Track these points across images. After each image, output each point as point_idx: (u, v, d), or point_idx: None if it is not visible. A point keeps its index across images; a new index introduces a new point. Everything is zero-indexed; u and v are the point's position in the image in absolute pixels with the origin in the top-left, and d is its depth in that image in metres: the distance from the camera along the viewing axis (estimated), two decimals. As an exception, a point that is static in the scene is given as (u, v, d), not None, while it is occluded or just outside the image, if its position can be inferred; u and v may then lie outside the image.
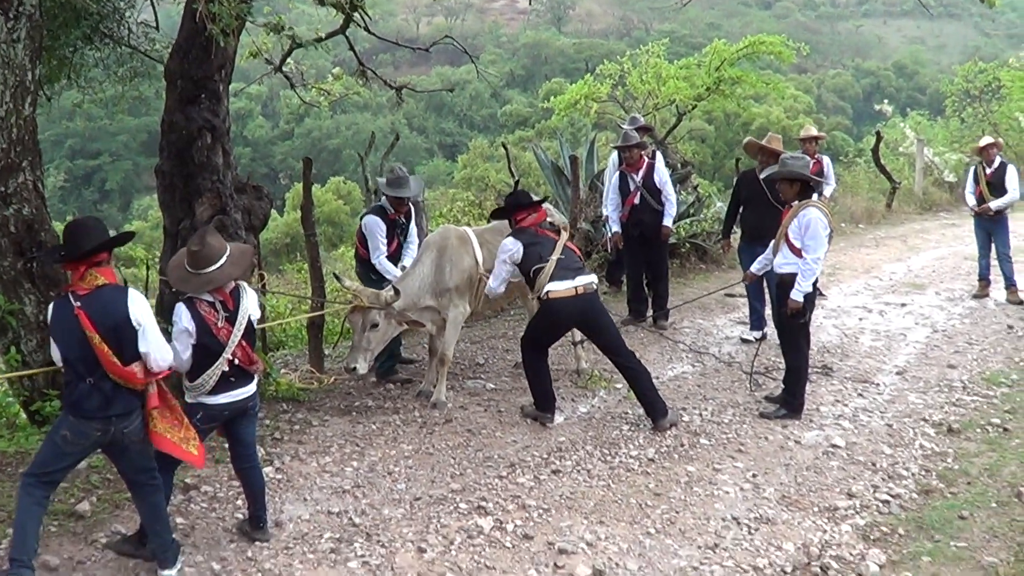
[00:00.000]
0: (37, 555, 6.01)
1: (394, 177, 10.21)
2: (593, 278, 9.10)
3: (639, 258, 13.04)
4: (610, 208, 12.98)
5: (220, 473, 7.83)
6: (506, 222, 9.55)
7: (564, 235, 9.12)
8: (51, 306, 6.03)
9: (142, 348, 5.96)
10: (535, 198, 9.51)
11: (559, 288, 8.87)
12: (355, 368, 9.19)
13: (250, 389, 6.65)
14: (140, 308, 5.97)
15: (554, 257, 8.87)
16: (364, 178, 14.47)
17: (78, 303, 5.82)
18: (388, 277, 9.93)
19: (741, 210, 12.28)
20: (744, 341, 12.07)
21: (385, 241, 10.16)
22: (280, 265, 22.35)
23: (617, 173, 13.01)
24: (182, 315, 6.30)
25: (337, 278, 9.70)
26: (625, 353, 9.18)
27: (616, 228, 12.86)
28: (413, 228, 10.70)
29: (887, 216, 23.83)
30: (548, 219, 9.41)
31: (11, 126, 7.76)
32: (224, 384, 6.44)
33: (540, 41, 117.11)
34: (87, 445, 6.05)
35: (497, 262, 9.24)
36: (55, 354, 6.04)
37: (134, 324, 5.91)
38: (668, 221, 12.83)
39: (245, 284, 6.64)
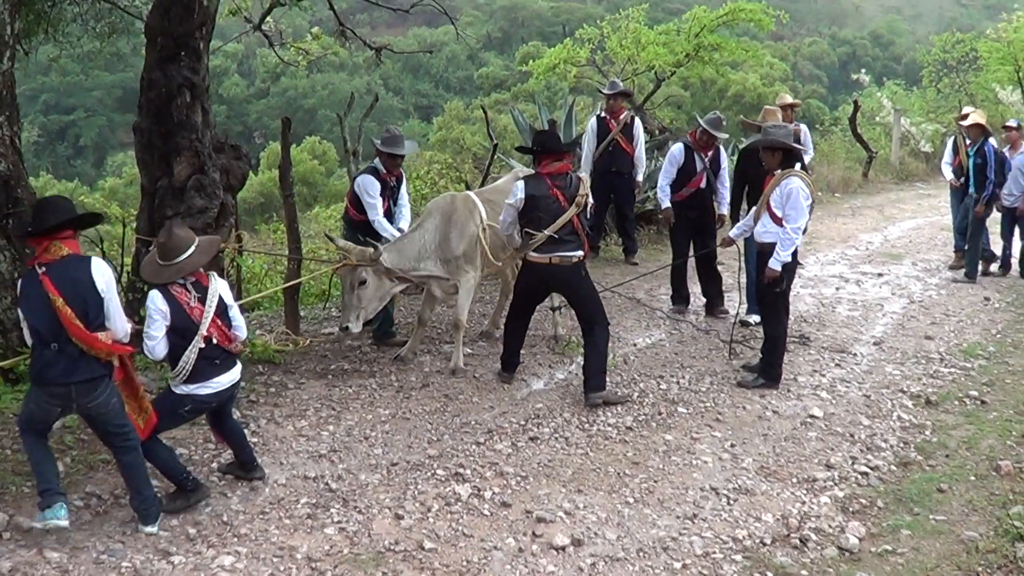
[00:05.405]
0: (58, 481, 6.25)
1: (389, 136, 10.14)
2: (574, 253, 8.88)
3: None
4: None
5: (195, 435, 7.78)
6: (511, 182, 9.67)
7: (573, 210, 8.80)
8: (20, 281, 6.19)
9: (105, 316, 6.08)
10: (563, 144, 9.47)
11: (535, 256, 8.87)
12: (347, 327, 9.18)
13: (235, 375, 6.78)
14: (103, 275, 6.09)
15: (547, 232, 8.74)
16: (343, 139, 14.33)
17: (42, 270, 5.92)
18: (385, 235, 9.86)
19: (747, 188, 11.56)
20: (744, 324, 11.38)
21: (380, 200, 10.05)
22: (255, 224, 22.22)
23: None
24: (155, 299, 6.42)
25: (330, 238, 9.66)
26: (597, 323, 9.04)
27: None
28: (404, 193, 10.62)
29: (863, 185, 23.88)
30: (574, 173, 9.12)
31: (-11, 80, 7.67)
32: (210, 369, 6.55)
33: (517, 3, 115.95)
34: (52, 416, 6.21)
35: (505, 204, 9.16)
36: (24, 327, 6.10)
37: (98, 290, 6.01)
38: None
39: (215, 274, 6.76)
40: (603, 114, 13.96)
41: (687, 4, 28.52)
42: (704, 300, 12.18)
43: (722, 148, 12.12)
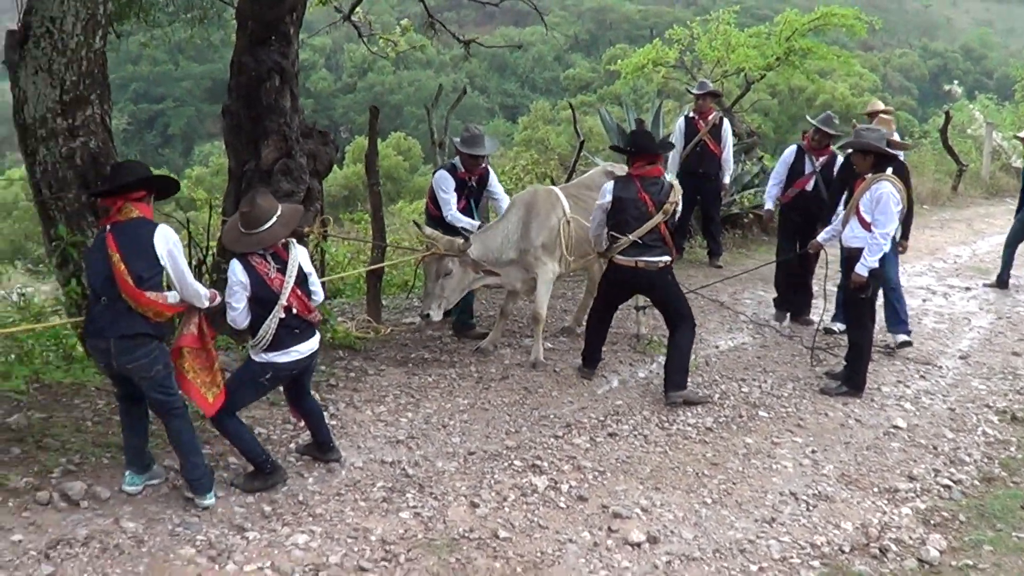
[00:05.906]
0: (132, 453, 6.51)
1: (469, 135, 10.10)
2: (659, 258, 8.77)
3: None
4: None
5: (274, 416, 7.84)
6: (596, 176, 9.78)
7: (659, 216, 8.69)
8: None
9: (173, 281, 6.21)
10: (658, 144, 9.30)
11: (620, 259, 8.81)
12: (428, 315, 9.20)
13: (314, 344, 6.78)
14: (165, 242, 6.13)
15: (632, 237, 8.67)
16: (430, 130, 14.36)
17: (109, 228, 6.07)
18: (462, 225, 9.87)
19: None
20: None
21: (454, 196, 10.04)
22: (339, 215, 22.38)
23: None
24: (236, 269, 6.45)
25: (417, 225, 9.68)
26: (681, 324, 8.96)
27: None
28: (496, 185, 10.58)
29: (952, 199, 23.45)
30: (665, 177, 9.00)
31: (81, 59, 7.75)
32: (290, 338, 6.57)
33: (605, 6, 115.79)
34: (105, 372, 6.48)
35: (595, 206, 9.13)
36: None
37: (157, 255, 6.07)
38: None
39: (294, 240, 6.76)
40: (692, 114, 13.88)
41: (775, 10, 28.20)
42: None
43: (839, 156, 11.49)
